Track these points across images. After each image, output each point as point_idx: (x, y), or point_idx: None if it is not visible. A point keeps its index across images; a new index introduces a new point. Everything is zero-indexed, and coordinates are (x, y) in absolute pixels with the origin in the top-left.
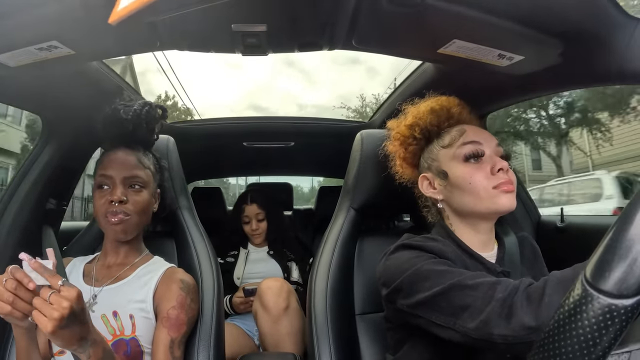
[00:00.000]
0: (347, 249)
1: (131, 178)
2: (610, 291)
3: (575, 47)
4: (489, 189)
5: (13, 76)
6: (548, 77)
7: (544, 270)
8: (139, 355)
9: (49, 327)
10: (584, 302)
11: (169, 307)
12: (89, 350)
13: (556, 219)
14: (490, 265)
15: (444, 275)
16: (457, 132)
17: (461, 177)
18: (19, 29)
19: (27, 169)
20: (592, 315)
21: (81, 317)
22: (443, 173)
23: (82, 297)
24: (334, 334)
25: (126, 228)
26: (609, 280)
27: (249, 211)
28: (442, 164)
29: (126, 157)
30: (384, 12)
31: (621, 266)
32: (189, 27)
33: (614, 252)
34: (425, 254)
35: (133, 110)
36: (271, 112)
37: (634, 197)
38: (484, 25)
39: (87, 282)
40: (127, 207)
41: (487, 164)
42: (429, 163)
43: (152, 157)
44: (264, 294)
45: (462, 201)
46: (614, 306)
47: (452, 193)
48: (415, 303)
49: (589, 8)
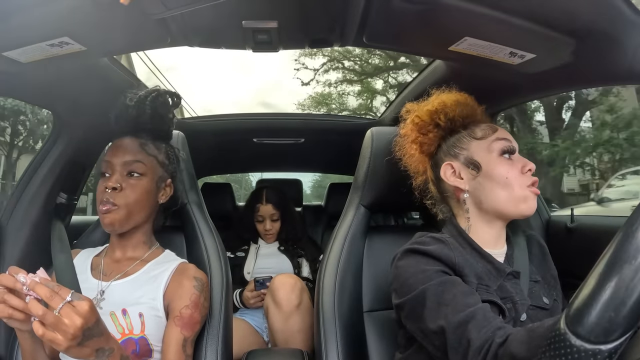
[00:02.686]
0: (356, 246)
1: (130, 163)
2: (588, 337)
3: (587, 45)
4: (523, 186)
5: (24, 72)
6: (559, 75)
7: (552, 269)
8: (148, 353)
9: (63, 345)
10: (562, 345)
11: (182, 306)
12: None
13: (566, 219)
14: (498, 265)
15: (440, 310)
16: (489, 127)
17: (498, 170)
18: (30, 26)
19: (38, 163)
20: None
21: (96, 330)
22: (475, 164)
23: (94, 308)
24: (341, 330)
25: (113, 220)
26: (588, 325)
27: (263, 211)
28: (474, 154)
29: (128, 143)
30: (395, 8)
31: (601, 312)
32: (199, 24)
33: (594, 297)
34: (431, 266)
35: (138, 96)
36: (280, 109)
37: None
38: (496, 23)
39: (95, 276)
40: (119, 197)
41: (519, 162)
42: (456, 152)
43: (163, 146)
44: (277, 290)
45: (492, 194)
46: (591, 352)
47: (482, 185)
48: (414, 328)
49: (602, 6)
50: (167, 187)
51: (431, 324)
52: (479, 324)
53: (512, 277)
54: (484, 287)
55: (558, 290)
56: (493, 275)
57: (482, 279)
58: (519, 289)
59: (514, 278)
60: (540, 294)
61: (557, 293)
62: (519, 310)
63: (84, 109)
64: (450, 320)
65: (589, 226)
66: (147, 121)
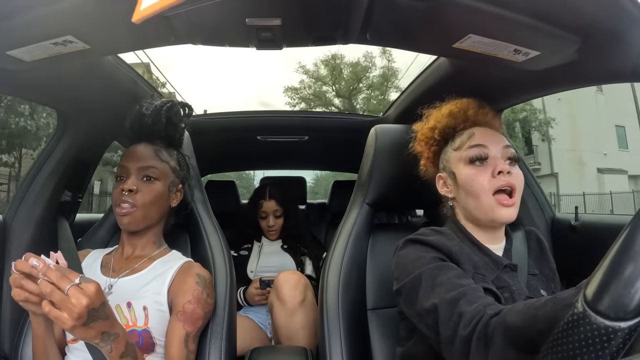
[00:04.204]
0: (360, 243)
1: (145, 169)
2: (608, 313)
3: (592, 43)
4: (489, 194)
5: (28, 70)
6: (564, 73)
7: (550, 263)
8: (151, 347)
9: (68, 324)
10: (582, 322)
11: (185, 302)
12: (111, 345)
13: (570, 217)
14: (496, 258)
15: (434, 290)
16: (466, 135)
17: (464, 179)
18: (34, 24)
19: (42, 161)
20: (589, 336)
21: (101, 312)
22: (452, 174)
23: (101, 291)
24: (345, 328)
25: (131, 220)
26: (607, 302)
27: (266, 207)
28: (452, 165)
29: (143, 150)
30: (399, 6)
31: (621, 287)
32: (203, 22)
33: (614, 274)
34: (429, 253)
35: (154, 106)
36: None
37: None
38: (500, 20)
39: (104, 273)
40: (136, 198)
41: (490, 166)
42: (444, 164)
43: (175, 154)
44: (281, 286)
45: (467, 202)
46: (611, 328)
47: (459, 194)
48: (411, 312)
49: (606, 4)
50: (178, 192)
51: (425, 303)
52: (470, 299)
53: (509, 269)
54: (480, 275)
55: (557, 283)
56: (490, 267)
57: (478, 269)
58: (516, 280)
59: (512, 270)
60: (538, 286)
61: (555, 285)
62: (517, 300)
63: (88, 107)
64: (443, 298)
65: (593, 224)
66: (161, 129)
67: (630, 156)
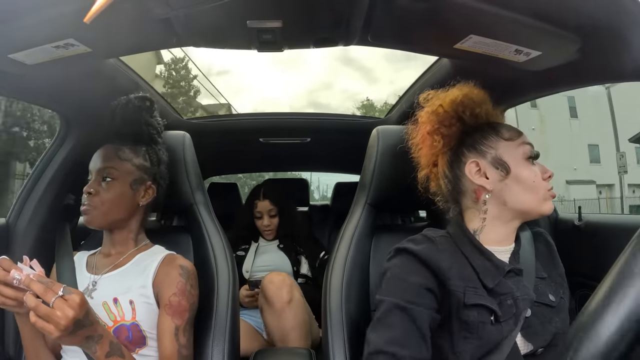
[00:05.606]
0: (363, 245)
1: (103, 170)
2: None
3: (593, 43)
4: (546, 191)
5: (30, 74)
6: (565, 73)
7: (559, 267)
8: (141, 340)
9: (55, 334)
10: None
11: (170, 294)
12: (95, 346)
13: (574, 217)
14: (497, 262)
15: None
16: (514, 130)
17: (526, 175)
18: (36, 27)
19: (45, 165)
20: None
21: (86, 321)
22: (504, 166)
23: (85, 301)
24: (348, 330)
25: (90, 218)
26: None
27: (261, 207)
28: (503, 155)
29: (104, 151)
30: (400, 7)
31: None
32: (204, 24)
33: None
34: (412, 277)
35: (110, 106)
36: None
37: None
38: (501, 20)
39: (89, 271)
40: (93, 200)
41: (539, 167)
42: (483, 150)
43: (142, 150)
44: (267, 288)
45: (519, 197)
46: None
47: (509, 187)
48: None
49: (607, 3)
50: (148, 189)
51: (371, 331)
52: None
53: (513, 274)
54: (472, 289)
55: (565, 289)
56: (492, 273)
57: (470, 281)
58: (521, 285)
59: (516, 275)
60: (546, 290)
61: (563, 291)
62: (520, 306)
63: (91, 110)
64: (377, 342)
65: (597, 225)
66: (119, 128)
67: (601, 169)
